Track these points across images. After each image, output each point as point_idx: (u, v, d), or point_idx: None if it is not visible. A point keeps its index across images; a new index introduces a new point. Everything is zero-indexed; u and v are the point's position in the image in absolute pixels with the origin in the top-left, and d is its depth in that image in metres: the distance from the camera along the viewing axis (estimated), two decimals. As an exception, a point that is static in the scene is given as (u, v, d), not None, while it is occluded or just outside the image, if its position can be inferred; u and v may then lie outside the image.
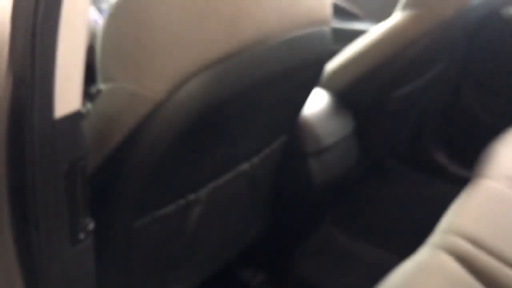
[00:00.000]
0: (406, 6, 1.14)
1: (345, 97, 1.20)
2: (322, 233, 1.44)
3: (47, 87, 0.46)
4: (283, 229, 1.28)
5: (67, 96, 0.48)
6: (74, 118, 0.49)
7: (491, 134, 1.41)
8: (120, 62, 0.57)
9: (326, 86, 1.18)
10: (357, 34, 1.82)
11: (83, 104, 0.60)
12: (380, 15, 1.89)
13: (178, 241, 0.82)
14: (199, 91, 0.60)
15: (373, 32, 1.17)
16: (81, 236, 0.55)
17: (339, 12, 1.84)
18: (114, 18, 0.56)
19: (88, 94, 0.61)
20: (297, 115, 0.99)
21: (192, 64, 0.57)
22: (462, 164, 1.77)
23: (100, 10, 1.20)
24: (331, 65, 1.19)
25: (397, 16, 1.14)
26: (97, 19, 1.11)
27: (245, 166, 0.89)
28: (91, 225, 0.56)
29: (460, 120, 1.78)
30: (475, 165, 1.23)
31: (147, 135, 0.60)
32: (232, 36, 0.59)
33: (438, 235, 0.94)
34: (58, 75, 0.46)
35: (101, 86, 0.60)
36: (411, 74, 1.27)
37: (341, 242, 1.46)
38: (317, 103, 1.12)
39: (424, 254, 0.88)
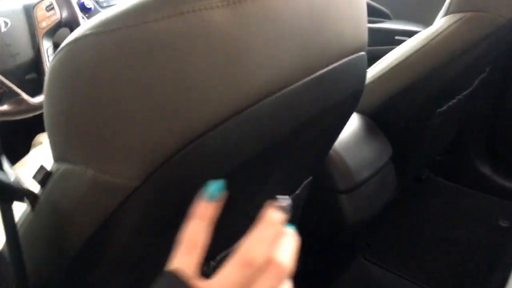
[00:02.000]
0: (454, 10, 0.93)
1: (380, 118, 1.00)
2: (355, 266, 1.26)
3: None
4: (312, 271, 1.10)
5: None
6: None
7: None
8: (70, 136, 0.39)
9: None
10: (388, 34, 1.63)
11: (30, 193, 0.43)
12: (410, 16, 1.69)
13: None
14: (185, 171, 0.42)
15: (412, 41, 0.97)
16: None
17: (369, 11, 1.63)
18: (59, 71, 0.38)
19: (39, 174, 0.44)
20: (327, 153, 0.81)
21: (175, 138, 0.39)
22: (507, 174, 1.57)
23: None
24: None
25: (443, 22, 0.94)
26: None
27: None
28: None
29: (504, 127, 1.57)
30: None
31: (120, 230, 0.43)
32: (231, 96, 0.41)
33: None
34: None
35: (54, 165, 0.43)
36: (458, 86, 1.07)
37: (375, 275, 1.28)
38: (347, 129, 0.93)
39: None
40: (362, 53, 0.59)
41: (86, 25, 0.37)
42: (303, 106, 0.52)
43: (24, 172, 0.92)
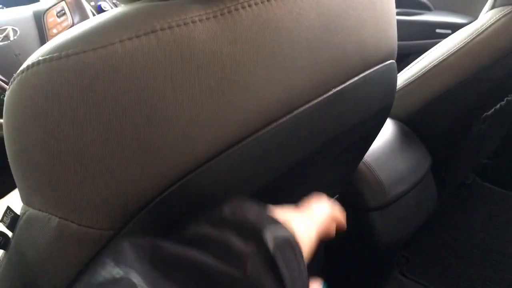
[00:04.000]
0: (502, 2, 0.82)
1: (418, 124, 0.90)
2: (390, 283, 1.16)
3: None
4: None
5: None
6: None
7: None
8: (28, 179, 0.33)
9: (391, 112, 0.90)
10: (428, 27, 1.51)
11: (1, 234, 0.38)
12: (452, 6, 1.56)
13: None
14: (176, 208, 0.35)
15: (455, 37, 0.86)
16: None
17: (408, 2, 1.52)
18: (12, 104, 0.32)
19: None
20: (355, 169, 0.72)
21: (154, 181, 0.33)
22: None
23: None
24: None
25: (489, 16, 0.82)
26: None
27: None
28: None
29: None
30: None
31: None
32: (224, 128, 0.34)
33: None
34: None
35: (22, 207, 0.37)
36: (507, 87, 0.95)
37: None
38: (379, 138, 0.84)
39: None
40: (390, 61, 0.50)
41: (39, 50, 0.31)
42: (319, 128, 0.44)
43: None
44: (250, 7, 0.33)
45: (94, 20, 0.31)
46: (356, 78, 0.44)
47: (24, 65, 0.31)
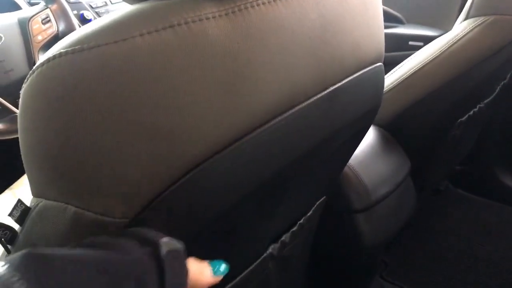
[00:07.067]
0: (474, 13, 0.87)
1: (397, 130, 0.94)
2: (371, 286, 1.19)
3: None
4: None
5: None
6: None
7: None
8: (46, 169, 0.34)
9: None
10: (402, 39, 1.57)
11: (8, 229, 0.38)
12: (424, 20, 1.63)
13: None
14: (187, 200, 0.36)
15: (430, 47, 0.91)
16: None
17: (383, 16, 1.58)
18: (31, 96, 0.33)
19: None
20: (341, 171, 0.75)
21: (170, 168, 0.34)
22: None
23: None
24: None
25: (463, 26, 0.87)
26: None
27: (272, 249, 0.65)
28: None
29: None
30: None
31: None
32: (233, 118, 0.36)
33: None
34: None
35: (32, 200, 0.38)
36: (480, 94, 1.00)
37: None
38: (362, 143, 0.87)
39: None
40: (379, 64, 0.53)
41: (60, 44, 0.32)
42: (317, 125, 0.46)
43: (24, 191, 0.88)
44: (258, 6, 0.36)
45: (112, 16, 0.33)
46: (350, 78, 0.46)
47: (44, 58, 0.32)
